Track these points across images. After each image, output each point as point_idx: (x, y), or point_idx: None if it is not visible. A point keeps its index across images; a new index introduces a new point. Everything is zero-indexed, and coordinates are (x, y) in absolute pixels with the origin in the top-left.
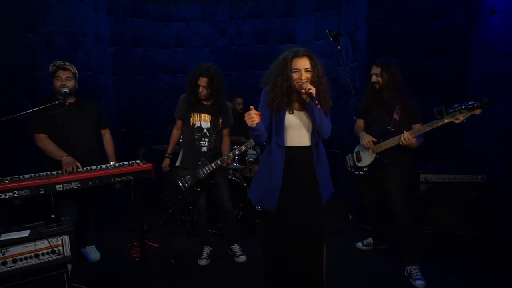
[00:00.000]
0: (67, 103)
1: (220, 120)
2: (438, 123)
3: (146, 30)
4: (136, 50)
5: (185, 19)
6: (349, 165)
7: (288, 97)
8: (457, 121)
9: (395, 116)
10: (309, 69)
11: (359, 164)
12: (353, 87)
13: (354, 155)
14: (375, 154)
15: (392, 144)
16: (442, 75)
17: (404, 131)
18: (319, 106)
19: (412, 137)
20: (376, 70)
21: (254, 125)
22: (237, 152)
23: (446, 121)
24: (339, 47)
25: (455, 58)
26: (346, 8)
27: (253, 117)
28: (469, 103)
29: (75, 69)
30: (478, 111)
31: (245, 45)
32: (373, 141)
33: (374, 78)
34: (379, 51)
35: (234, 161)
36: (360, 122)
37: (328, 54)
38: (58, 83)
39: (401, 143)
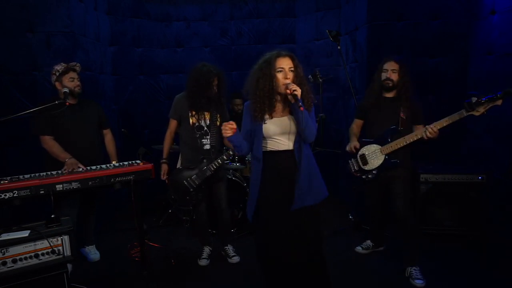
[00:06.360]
0: (67, 103)
1: (218, 116)
2: (460, 116)
3: (146, 30)
4: (136, 50)
5: (185, 19)
6: (353, 170)
7: (270, 99)
8: (477, 114)
9: (402, 115)
10: (292, 69)
11: (366, 168)
12: (353, 87)
13: (359, 158)
14: (384, 156)
15: (413, 139)
16: (442, 75)
17: (426, 126)
18: (301, 108)
19: (437, 129)
20: (393, 66)
21: (227, 136)
22: None
23: (465, 114)
24: (339, 47)
25: (455, 58)
26: (346, 8)
27: (225, 129)
28: (492, 94)
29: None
30: (499, 102)
31: (245, 45)
32: (357, 147)
33: (389, 74)
34: (379, 51)
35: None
36: (358, 123)
37: (328, 54)
38: (71, 84)
39: (425, 137)
